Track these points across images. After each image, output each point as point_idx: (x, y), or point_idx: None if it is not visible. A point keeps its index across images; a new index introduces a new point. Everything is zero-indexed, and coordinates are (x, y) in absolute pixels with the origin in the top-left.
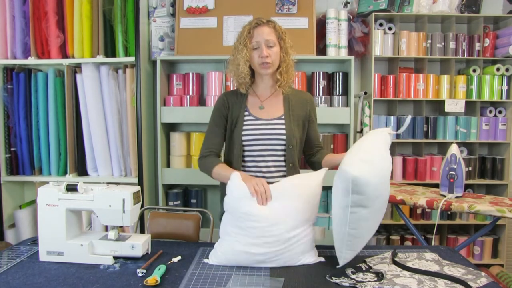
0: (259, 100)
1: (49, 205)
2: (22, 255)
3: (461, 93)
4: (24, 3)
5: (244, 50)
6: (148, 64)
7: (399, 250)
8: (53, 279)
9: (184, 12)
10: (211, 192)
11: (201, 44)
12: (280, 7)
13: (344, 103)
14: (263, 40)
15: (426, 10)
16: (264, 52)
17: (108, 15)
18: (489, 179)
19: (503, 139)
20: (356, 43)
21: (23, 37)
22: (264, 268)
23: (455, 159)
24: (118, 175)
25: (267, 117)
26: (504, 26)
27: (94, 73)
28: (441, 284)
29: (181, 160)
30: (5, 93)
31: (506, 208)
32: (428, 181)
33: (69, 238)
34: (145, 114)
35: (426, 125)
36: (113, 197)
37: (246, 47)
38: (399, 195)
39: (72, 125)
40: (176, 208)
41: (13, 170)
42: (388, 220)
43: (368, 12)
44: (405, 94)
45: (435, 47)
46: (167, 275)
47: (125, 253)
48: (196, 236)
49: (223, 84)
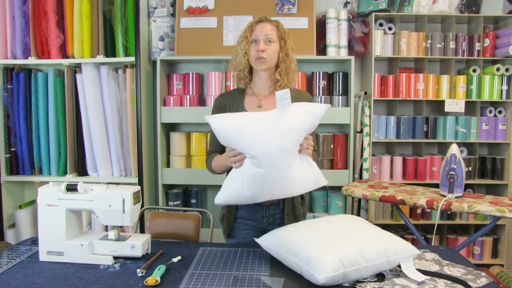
0: (257, 99)
1: (49, 205)
2: (22, 255)
3: (461, 93)
4: (24, 3)
5: (244, 43)
6: (148, 64)
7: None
8: (53, 279)
9: (184, 12)
10: (211, 192)
11: (201, 44)
12: (280, 7)
13: (344, 103)
14: (262, 35)
15: (426, 10)
16: (260, 46)
17: (108, 15)
18: (489, 179)
19: (503, 139)
20: (356, 43)
21: (23, 37)
22: (264, 268)
23: (455, 159)
24: (118, 175)
25: None
26: (504, 26)
27: (94, 73)
28: (441, 284)
29: (181, 160)
30: (5, 93)
31: (506, 208)
32: (428, 181)
33: (69, 238)
34: (145, 114)
35: (426, 125)
36: (113, 197)
37: (246, 40)
38: (399, 195)
39: (72, 125)
40: (176, 208)
41: (13, 170)
42: (388, 220)
43: (368, 12)
44: (405, 94)
45: (435, 47)
46: (167, 275)
47: (125, 253)
48: (196, 236)
49: (223, 84)
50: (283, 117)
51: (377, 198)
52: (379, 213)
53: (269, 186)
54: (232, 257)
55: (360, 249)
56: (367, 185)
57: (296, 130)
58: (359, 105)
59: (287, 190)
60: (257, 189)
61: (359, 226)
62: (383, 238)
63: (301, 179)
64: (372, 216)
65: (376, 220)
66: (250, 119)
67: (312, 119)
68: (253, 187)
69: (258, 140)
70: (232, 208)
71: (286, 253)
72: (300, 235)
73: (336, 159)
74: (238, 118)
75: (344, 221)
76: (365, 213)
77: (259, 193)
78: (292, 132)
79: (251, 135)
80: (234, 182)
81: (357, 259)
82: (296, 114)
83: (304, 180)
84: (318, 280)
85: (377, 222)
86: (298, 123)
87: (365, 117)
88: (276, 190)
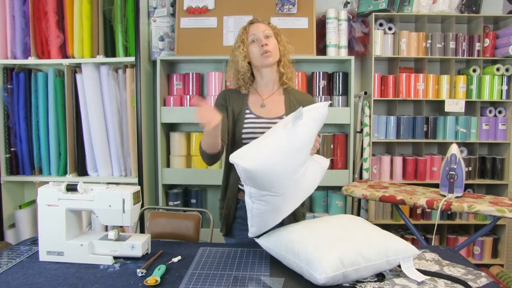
0: (260, 98)
1: (49, 205)
2: (22, 255)
3: (461, 93)
4: (24, 3)
5: (242, 46)
6: (148, 64)
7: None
8: (53, 279)
9: (184, 12)
10: (211, 192)
11: (201, 44)
12: (280, 7)
13: (344, 103)
14: (260, 33)
15: (426, 10)
16: (263, 40)
17: (108, 15)
18: (489, 179)
19: (503, 139)
20: (356, 43)
21: (23, 37)
22: (264, 268)
23: (455, 159)
24: (118, 175)
25: (268, 116)
26: (504, 26)
27: (94, 73)
28: (441, 284)
29: (181, 160)
30: (5, 93)
31: (506, 208)
32: (428, 181)
33: (69, 238)
34: (145, 114)
35: (426, 125)
36: (113, 197)
37: (243, 43)
38: (399, 195)
39: (72, 125)
40: (176, 208)
41: (13, 170)
42: (388, 220)
43: (368, 12)
44: (405, 94)
45: (435, 47)
46: (167, 275)
47: (125, 253)
48: (196, 236)
49: (223, 84)
50: (297, 132)
51: (377, 198)
52: (379, 213)
53: (293, 199)
54: (232, 257)
55: (360, 249)
56: (367, 185)
57: (310, 139)
58: (359, 105)
59: (307, 192)
60: (281, 211)
61: (359, 226)
62: (383, 238)
63: (311, 174)
64: (372, 216)
65: (376, 220)
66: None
67: (320, 121)
68: (277, 211)
69: (288, 180)
70: (231, 208)
71: (286, 253)
72: (300, 235)
73: (336, 159)
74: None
75: (344, 221)
76: (365, 213)
77: (285, 209)
78: (308, 143)
79: (278, 177)
80: (261, 217)
81: (357, 259)
82: (307, 123)
83: (313, 175)
84: (318, 280)
85: (377, 222)
86: (310, 131)
87: (365, 117)
88: (298, 199)
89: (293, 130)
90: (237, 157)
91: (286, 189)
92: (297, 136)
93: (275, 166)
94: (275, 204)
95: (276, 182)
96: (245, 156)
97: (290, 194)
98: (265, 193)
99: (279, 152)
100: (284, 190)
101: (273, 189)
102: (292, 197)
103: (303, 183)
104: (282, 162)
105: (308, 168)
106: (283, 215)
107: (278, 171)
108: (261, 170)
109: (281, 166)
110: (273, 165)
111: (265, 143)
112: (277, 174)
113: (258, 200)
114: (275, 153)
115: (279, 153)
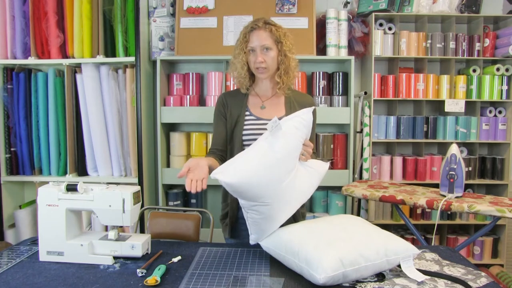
0: (260, 100)
1: (49, 205)
2: (22, 255)
3: (461, 93)
4: (24, 3)
5: (241, 55)
6: (148, 64)
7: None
8: (53, 279)
9: (184, 12)
10: (211, 192)
11: (201, 44)
12: (280, 7)
13: (344, 103)
14: (258, 46)
15: (426, 10)
16: (258, 58)
17: (108, 15)
18: (489, 179)
19: (503, 139)
20: (356, 43)
21: (23, 37)
22: (264, 268)
23: (455, 159)
24: (118, 175)
25: (268, 117)
26: (504, 26)
27: (94, 73)
28: (441, 284)
29: (181, 160)
30: (5, 93)
31: (506, 208)
32: (428, 181)
33: (69, 238)
34: (145, 114)
35: (426, 125)
36: (113, 197)
37: (242, 51)
38: (399, 195)
39: (72, 125)
40: (176, 208)
41: (13, 170)
42: (388, 220)
43: (368, 12)
44: (405, 94)
45: (435, 47)
46: (167, 275)
47: (125, 253)
48: (196, 236)
49: (223, 84)
50: (278, 142)
51: (377, 198)
52: (379, 213)
53: (286, 207)
54: (232, 257)
55: (360, 249)
56: (367, 185)
57: (295, 147)
58: (359, 105)
59: (301, 197)
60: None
61: (359, 226)
62: (383, 238)
63: (302, 181)
64: (372, 216)
65: (376, 220)
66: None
67: (304, 127)
68: (271, 219)
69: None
70: (234, 209)
71: (286, 253)
72: (300, 235)
73: (336, 159)
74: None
75: (344, 221)
76: (365, 213)
77: (280, 217)
78: (293, 151)
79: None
80: (257, 225)
81: (357, 259)
82: (289, 131)
83: (306, 181)
84: (318, 280)
85: (377, 222)
86: (294, 139)
87: (365, 117)
88: (292, 206)
89: (274, 141)
90: (218, 172)
91: (274, 198)
92: (279, 146)
93: (257, 178)
94: (266, 213)
95: (262, 192)
96: (226, 171)
97: (280, 202)
98: (254, 204)
99: (261, 163)
100: (272, 199)
101: (260, 199)
102: (284, 204)
103: (293, 190)
104: (264, 173)
105: (298, 174)
106: (279, 222)
107: (261, 182)
108: (244, 183)
109: (264, 177)
110: (255, 177)
111: (246, 156)
112: (261, 185)
113: (250, 210)
114: (256, 165)
115: (261, 164)
